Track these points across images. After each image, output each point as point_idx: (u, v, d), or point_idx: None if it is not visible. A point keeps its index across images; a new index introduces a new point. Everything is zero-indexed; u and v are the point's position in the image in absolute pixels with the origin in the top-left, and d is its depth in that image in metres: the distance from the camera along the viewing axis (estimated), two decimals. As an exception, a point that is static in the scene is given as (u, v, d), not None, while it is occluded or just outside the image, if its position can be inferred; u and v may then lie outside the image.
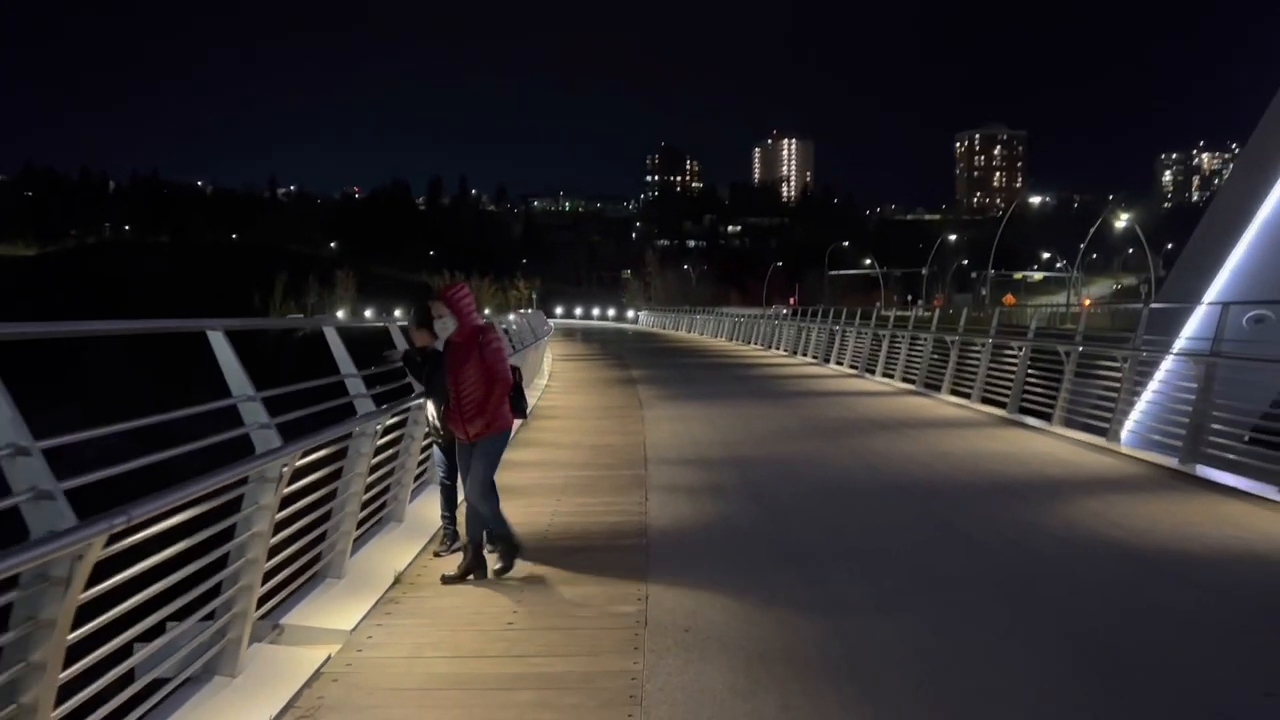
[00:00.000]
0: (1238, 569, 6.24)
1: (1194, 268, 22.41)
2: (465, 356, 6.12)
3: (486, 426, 6.14)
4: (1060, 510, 8.03)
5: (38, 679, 2.71)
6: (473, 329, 6.17)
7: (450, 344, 6.25)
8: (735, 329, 45.89)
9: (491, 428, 6.18)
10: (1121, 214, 76.71)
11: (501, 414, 6.25)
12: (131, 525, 2.84)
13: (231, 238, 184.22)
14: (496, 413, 6.17)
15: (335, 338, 6.96)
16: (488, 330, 6.24)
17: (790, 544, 7.08)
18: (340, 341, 6.95)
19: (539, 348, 22.66)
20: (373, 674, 4.58)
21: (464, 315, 6.16)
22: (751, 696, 4.24)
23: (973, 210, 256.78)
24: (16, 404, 2.78)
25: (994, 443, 11.88)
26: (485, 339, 6.13)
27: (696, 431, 13.04)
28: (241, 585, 4.30)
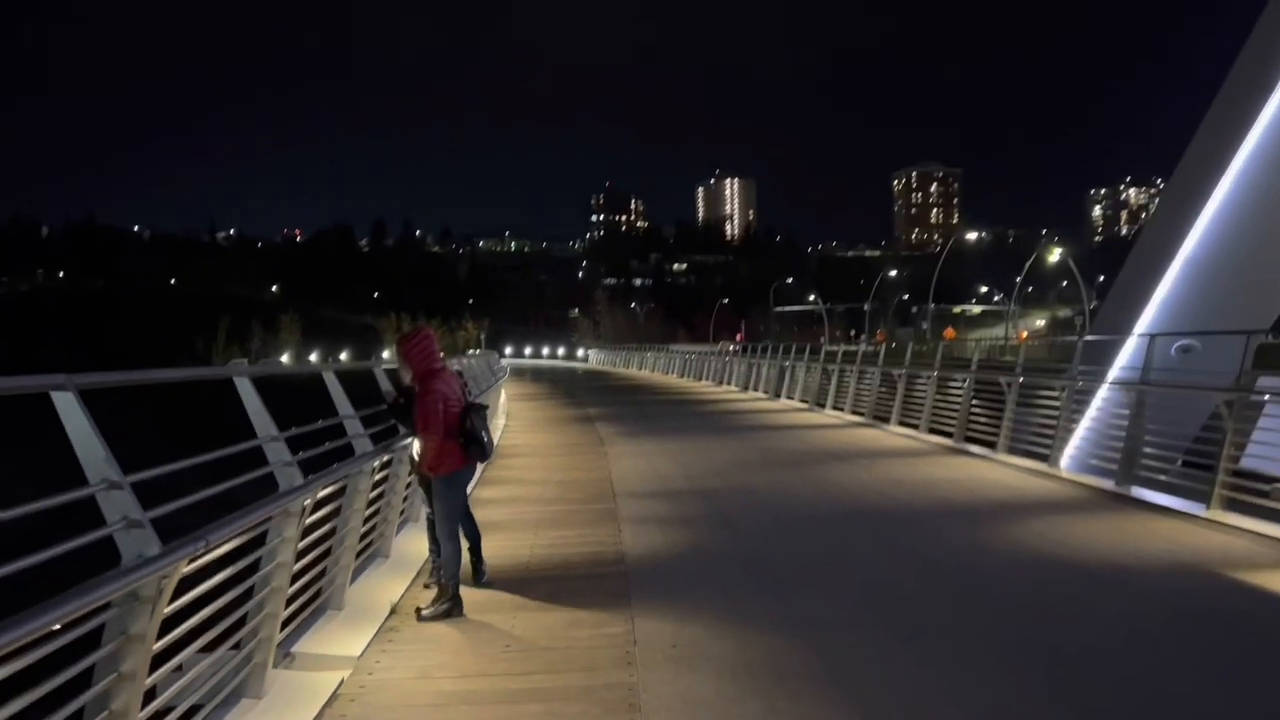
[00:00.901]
0: (1168, 578, 6.84)
1: (1124, 300, 23.47)
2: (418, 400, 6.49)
3: (430, 468, 6.50)
4: (1006, 531, 8.60)
5: (128, 687, 3.06)
6: (424, 373, 6.46)
7: (412, 388, 6.64)
8: (686, 366, 46.54)
9: (437, 469, 6.49)
10: (1055, 249, 79.19)
11: (442, 456, 6.45)
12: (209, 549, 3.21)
13: (170, 282, 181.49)
14: (439, 454, 6.43)
15: (334, 381, 7.33)
16: (429, 378, 6.44)
17: (760, 567, 7.54)
18: (339, 385, 7.32)
19: (496, 389, 22.97)
20: (386, 694, 4.93)
21: (414, 363, 6.47)
22: (739, 702, 4.67)
23: (911, 246, 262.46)
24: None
25: (943, 470, 12.49)
26: (426, 386, 6.42)
27: (659, 466, 13.48)
28: (267, 612, 4.65)
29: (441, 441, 6.42)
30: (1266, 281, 21.32)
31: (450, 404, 6.46)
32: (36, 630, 2.45)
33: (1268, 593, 6.41)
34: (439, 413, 6.38)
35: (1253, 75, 20.11)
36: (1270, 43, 19.71)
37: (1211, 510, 8.78)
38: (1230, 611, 6.08)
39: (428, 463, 6.46)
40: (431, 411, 6.37)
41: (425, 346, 6.49)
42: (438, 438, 6.39)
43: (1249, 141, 20.32)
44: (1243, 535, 8.08)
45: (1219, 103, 21.25)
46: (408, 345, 6.51)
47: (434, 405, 6.38)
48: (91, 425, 3.06)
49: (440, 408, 6.38)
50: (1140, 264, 23.29)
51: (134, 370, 3.89)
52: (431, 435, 6.38)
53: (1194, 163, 21.98)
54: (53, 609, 2.54)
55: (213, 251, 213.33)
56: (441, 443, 6.42)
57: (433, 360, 6.47)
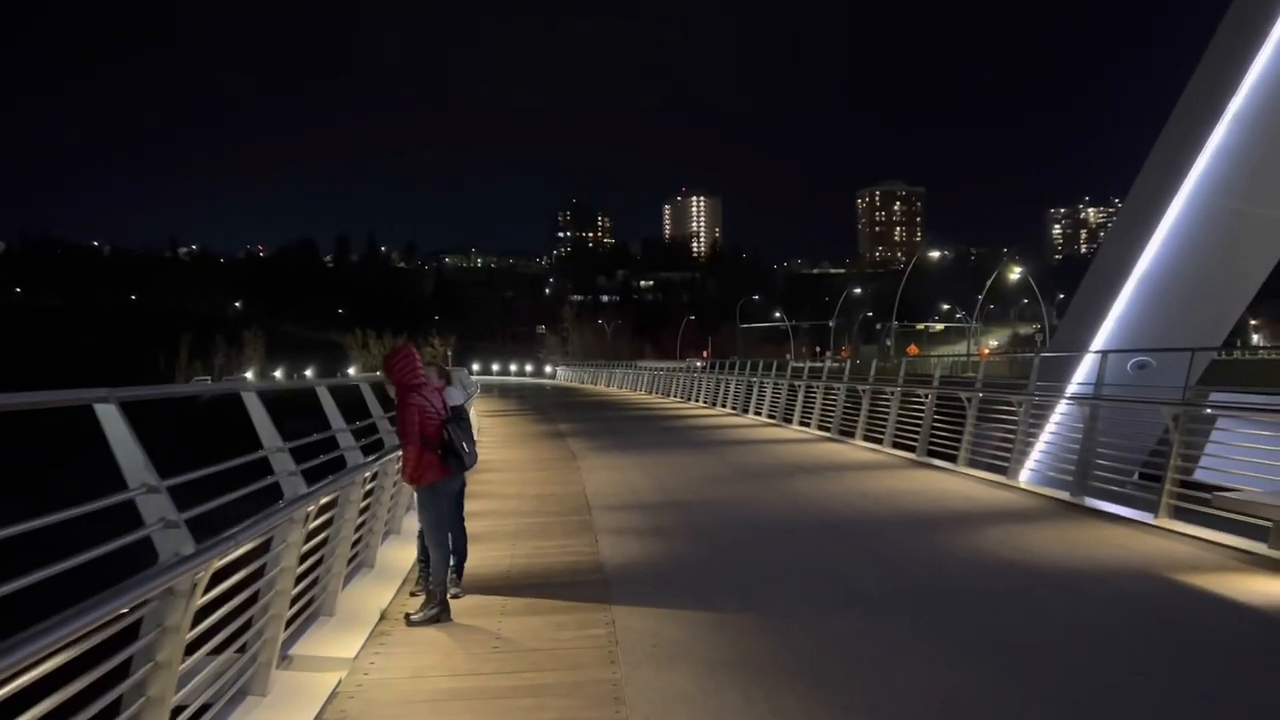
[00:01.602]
0: (1116, 580, 7.26)
1: (1081, 318, 24.14)
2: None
3: (409, 479, 6.79)
4: (966, 538, 9.01)
5: (163, 676, 3.33)
6: (404, 388, 6.71)
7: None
8: (654, 382, 46.90)
9: (418, 480, 6.75)
10: (1015, 267, 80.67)
11: (419, 468, 6.69)
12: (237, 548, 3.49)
13: (131, 298, 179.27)
14: (417, 466, 6.67)
15: (326, 395, 7.60)
16: (408, 392, 6.69)
17: (733, 574, 7.89)
18: (331, 399, 7.59)
19: (470, 405, 23.16)
20: (383, 692, 5.21)
21: (394, 377, 6.75)
22: (717, 694, 4.99)
23: (875, 264, 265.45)
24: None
25: (906, 482, 12.91)
26: (403, 401, 6.70)
27: (632, 480, 13.80)
28: (272, 614, 4.91)
29: (420, 452, 6.66)
30: (1218, 299, 22.08)
31: (428, 416, 6.71)
32: (90, 624, 2.72)
33: (1207, 592, 6.84)
34: (415, 424, 6.64)
35: (1202, 100, 20.90)
36: (1218, 69, 20.52)
37: (1160, 518, 9.24)
38: (1170, 609, 6.50)
39: (407, 473, 6.74)
40: (408, 423, 6.65)
41: (406, 363, 6.78)
42: (415, 448, 6.65)
43: (1199, 164, 21.08)
44: (1188, 541, 8.54)
45: (1170, 126, 22.03)
46: (390, 362, 6.82)
47: (410, 417, 6.65)
48: (131, 434, 3.34)
49: (416, 419, 6.63)
50: (1097, 282, 23.99)
51: (159, 385, 4.16)
52: (409, 445, 6.66)
53: (1147, 184, 22.73)
54: (105, 603, 2.81)
55: (174, 267, 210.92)
56: (420, 453, 6.67)
57: (413, 375, 6.73)
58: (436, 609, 6.52)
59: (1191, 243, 21.79)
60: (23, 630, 2.46)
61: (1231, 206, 20.85)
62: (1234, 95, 19.86)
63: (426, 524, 6.77)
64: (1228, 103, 20.10)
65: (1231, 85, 19.81)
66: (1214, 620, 6.29)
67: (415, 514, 10.26)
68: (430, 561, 6.63)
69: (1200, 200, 21.40)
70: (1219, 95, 20.50)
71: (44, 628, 2.45)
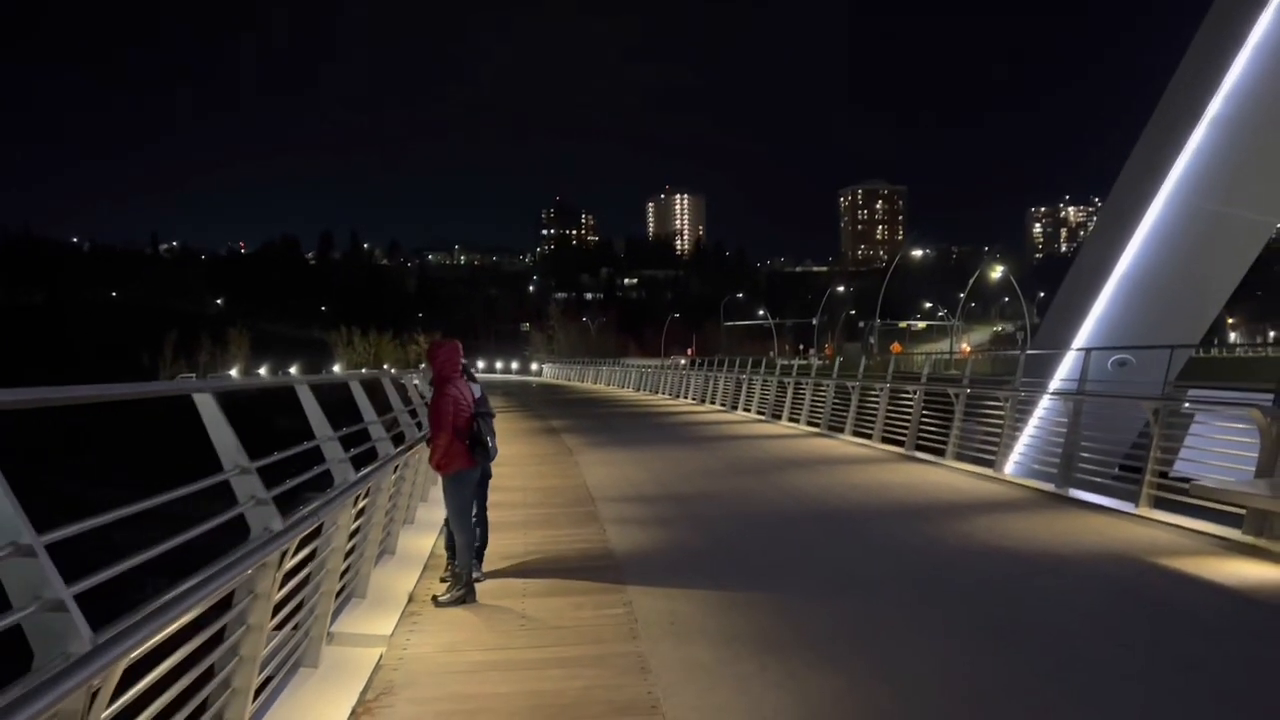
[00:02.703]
0: (1098, 563, 7.73)
1: (1063, 316, 24.71)
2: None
3: (437, 466, 7.17)
4: (957, 527, 9.46)
5: (254, 638, 3.71)
6: (440, 379, 7.15)
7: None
8: (642, 379, 47.31)
9: (443, 468, 7.15)
10: (997, 266, 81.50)
11: (451, 456, 7.10)
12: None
13: (112, 295, 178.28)
14: (446, 454, 7.07)
15: (309, 396, 7.85)
16: (444, 383, 7.13)
17: (737, 559, 8.31)
18: (315, 402, 7.82)
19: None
20: (422, 664, 5.59)
21: (436, 366, 7.19)
22: (734, 664, 5.41)
23: (858, 262, 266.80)
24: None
25: (897, 475, 13.37)
26: (439, 390, 7.12)
27: (630, 473, 14.20)
28: (323, 591, 5.29)
29: (451, 440, 7.07)
30: (1196, 298, 22.68)
31: (461, 407, 7.14)
32: (215, 590, 3.08)
33: (1185, 574, 7.31)
34: (449, 413, 7.07)
35: (1182, 104, 21.47)
36: (1197, 73, 21.09)
37: (1141, 507, 9.72)
38: (1150, 590, 6.97)
39: (436, 460, 7.12)
40: (443, 411, 7.06)
41: (450, 354, 7.20)
42: (447, 436, 7.06)
43: (1179, 166, 21.63)
44: (1167, 528, 9.01)
45: (1150, 129, 22.59)
46: (436, 350, 7.23)
47: (445, 406, 7.08)
48: (225, 421, 3.72)
49: (450, 409, 7.07)
50: (1078, 281, 24.55)
51: (245, 378, 4.53)
52: (441, 433, 7.04)
53: (1127, 186, 23.29)
54: (227, 571, 3.17)
55: (155, 264, 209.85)
56: (451, 442, 7.08)
57: (453, 369, 7.15)
58: (463, 590, 6.90)
59: (1171, 243, 22.36)
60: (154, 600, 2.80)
61: (1210, 208, 21.42)
62: (1212, 99, 20.42)
63: (453, 510, 7.14)
64: (1206, 106, 20.66)
65: (1210, 89, 20.37)
66: (1192, 600, 6.74)
67: (430, 505, 10.68)
68: (456, 546, 7.01)
69: (1179, 201, 21.96)
70: (1198, 99, 21.06)
71: (177, 595, 2.79)
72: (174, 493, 3.33)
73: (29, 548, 2.28)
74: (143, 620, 2.39)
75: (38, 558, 2.29)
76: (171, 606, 2.58)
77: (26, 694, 1.91)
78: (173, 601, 2.61)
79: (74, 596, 2.29)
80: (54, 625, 2.25)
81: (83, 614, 2.27)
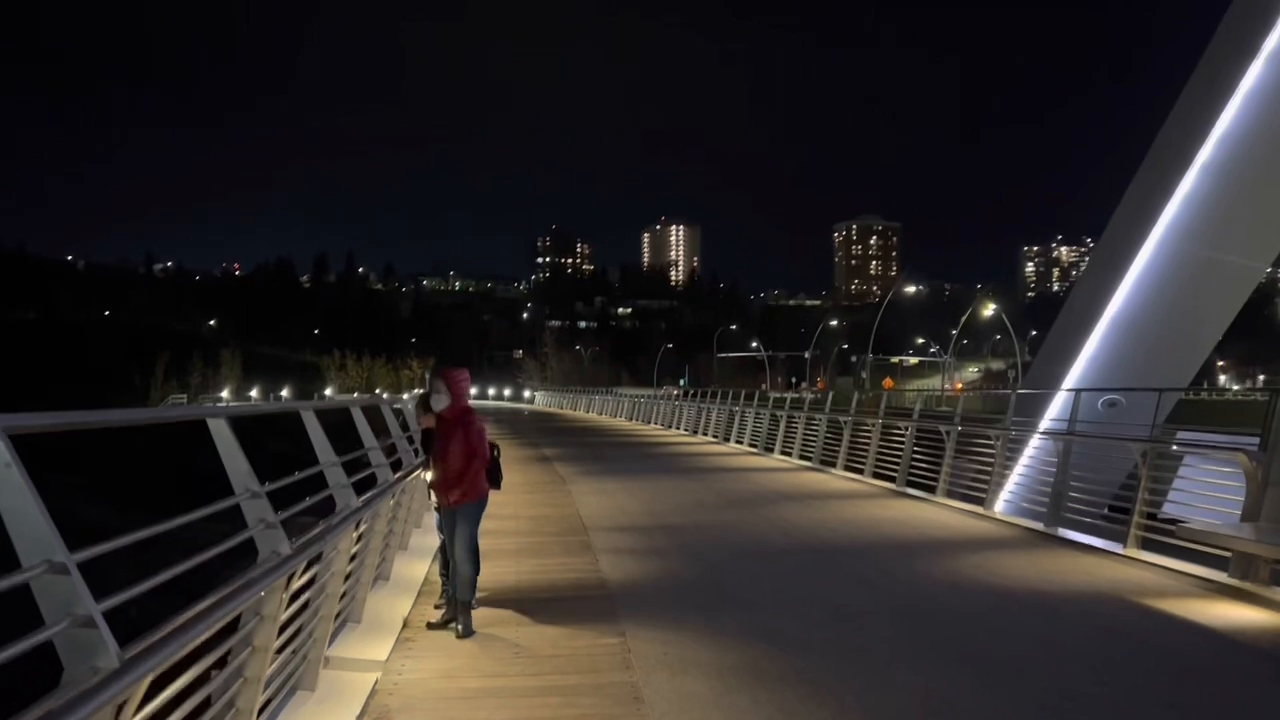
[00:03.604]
0: (1086, 603, 7.82)
1: (1054, 356, 24.92)
2: (452, 432, 7.12)
3: (463, 495, 7.16)
4: (945, 563, 9.55)
5: (259, 659, 3.78)
6: (462, 409, 7.24)
7: (441, 418, 7.23)
8: (635, 409, 47.38)
9: (468, 496, 7.22)
10: (989, 303, 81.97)
11: (478, 484, 7.27)
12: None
13: (104, 315, 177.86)
14: (474, 482, 7.22)
15: (314, 421, 7.94)
16: (472, 412, 7.32)
17: (729, 591, 8.38)
18: (320, 427, 7.91)
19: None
20: (419, 689, 5.65)
21: (458, 395, 7.24)
22: (727, 695, 5.48)
23: (851, 297, 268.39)
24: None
25: (888, 511, 13.46)
26: (470, 419, 7.16)
27: (623, 503, 14.26)
28: (321, 615, 5.35)
29: (480, 470, 7.16)
30: (1186, 341, 22.90)
31: (484, 437, 7.25)
32: (227, 614, 3.16)
33: (1170, 615, 7.41)
34: (486, 444, 7.19)
35: (1173, 150, 21.79)
36: (1189, 120, 21.43)
37: (1129, 548, 9.82)
38: (1135, 629, 7.06)
39: (467, 490, 7.08)
40: (482, 442, 7.17)
41: (467, 384, 7.26)
42: (485, 466, 7.17)
43: (1169, 210, 21.92)
44: (1154, 569, 9.12)
45: (1142, 174, 22.91)
46: (457, 376, 7.22)
47: (484, 436, 7.22)
48: (238, 445, 3.81)
49: (482, 439, 7.20)
50: (1069, 322, 24.78)
51: (262, 403, 4.63)
52: (474, 461, 7.10)
53: (1119, 229, 23.58)
54: (239, 594, 3.26)
55: (149, 284, 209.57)
56: (479, 471, 7.16)
57: (467, 398, 7.25)
58: (464, 618, 6.93)
59: (1161, 286, 22.62)
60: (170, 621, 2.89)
61: (1200, 253, 21.70)
62: (1203, 145, 20.74)
63: (464, 539, 7.12)
64: (1197, 152, 20.98)
65: (1201, 135, 20.69)
66: (1176, 640, 6.84)
67: (424, 531, 10.73)
68: (462, 574, 7.02)
69: (1170, 245, 22.23)
70: (1189, 144, 21.39)
71: (197, 612, 2.89)
72: (192, 514, 3.40)
73: (62, 565, 2.34)
74: (167, 637, 2.47)
75: (70, 575, 2.35)
76: (193, 625, 2.67)
77: (61, 706, 1.98)
78: (194, 620, 2.70)
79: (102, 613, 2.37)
80: (84, 641, 2.31)
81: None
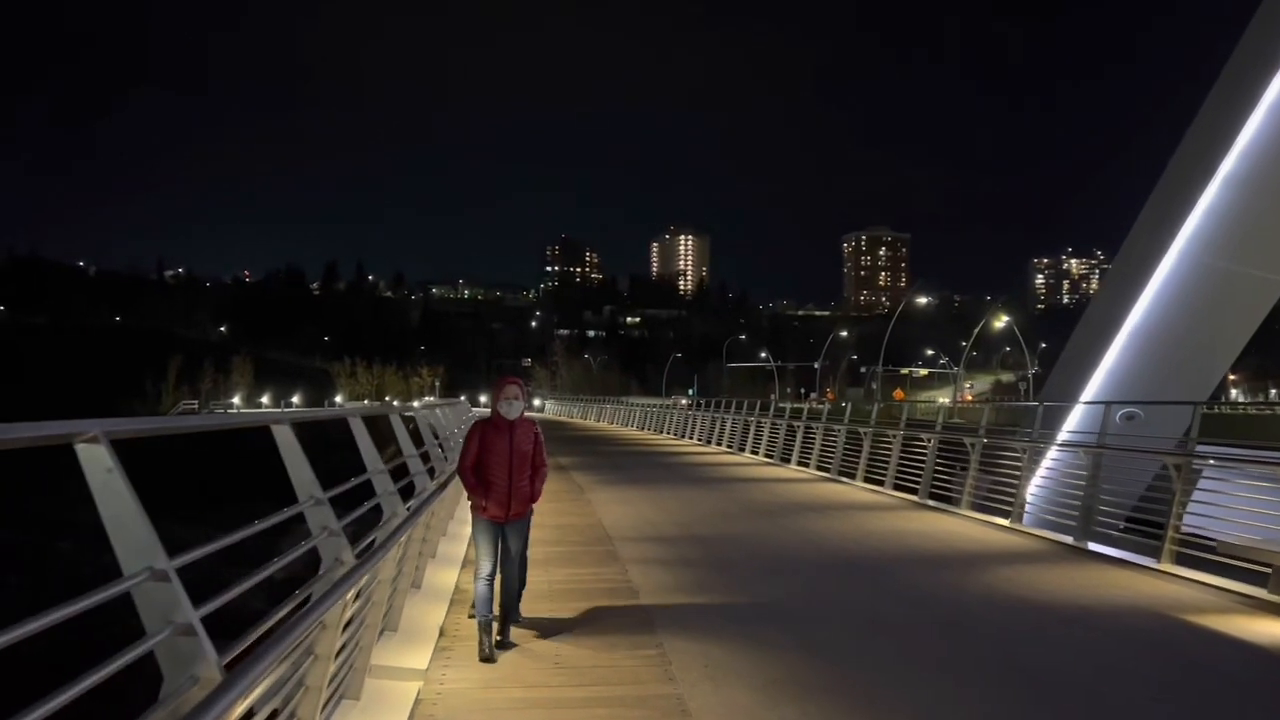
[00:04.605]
0: (1126, 618, 7.74)
1: (1072, 368, 24.82)
2: (525, 442, 6.79)
3: (523, 505, 6.86)
4: (978, 576, 9.47)
5: (321, 668, 3.74)
6: (530, 420, 6.96)
7: (508, 425, 6.71)
8: (645, 418, 47.31)
9: (525, 508, 6.94)
10: (1001, 315, 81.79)
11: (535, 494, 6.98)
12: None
13: (115, 320, 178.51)
14: (535, 493, 6.94)
15: (361, 428, 7.95)
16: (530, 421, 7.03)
17: (764, 603, 8.31)
18: (367, 434, 7.93)
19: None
20: (462, 700, 5.60)
21: (527, 403, 7.10)
22: (775, 708, 5.42)
23: (860, 307, 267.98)
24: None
25: (912, 523, 13.37)
26: (539, 432, 6.92)
27: (645, 513, 14.20)
28: (367, 624, 5.31)
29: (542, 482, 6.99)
30: (1206, 354, 22.78)
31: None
32: (311, 624, 3.13)
33: (1213, 631, 7.33)
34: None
35: (1195, 161, 21.71)
36: (1211, 129, 21.35)
37: (1163, 563, 9.73)
38: (1180, 646, 6.98)
39: (538, 495, 6.95)
40: (545, 453, 7.01)
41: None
42: (545, 477, 6.99)
43: (1190, 222, 21.83)
44: (1191, 585, 9.02)
45: (1162, 185, 22.83)
46: (525, 389, 7.04)
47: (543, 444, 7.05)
48: (301, 452, 3.78)
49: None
50: (1087, 334, 24.66)
51: (318, 409, 4.61)
52: (544, 469, 6.96)
53: (1139, 241, 23.48)
54: (322, 604, 3.22)
55: (159, 290, 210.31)
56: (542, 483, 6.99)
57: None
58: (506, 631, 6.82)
59: (1181, 299, 22.51)
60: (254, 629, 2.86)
61: (1220, 265, 21.59)
62: (1225, 157, 20.66)
63: (526, 551, 7.01)
64: (1219, 164, 20.89)
65: (1224, 147, 20.61)
66: (1222, 656, 6.75)
67: (449, 539, 10.70)
68: (516, 591, 6.92)
69: (1190, 258, 22.14)
70: (1211, 156, 21.31)
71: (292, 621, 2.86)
72: (268, 520, 3.40)
73: (164, 572, 2.32)
74: (267, 647, 2.43)
75: (171, 582, 2.32)
76: (286, 634, 2.63)
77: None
78: (287, 629, 2.67)
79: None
80: (183, 649, 2.29)
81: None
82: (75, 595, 2.12)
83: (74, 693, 1.82)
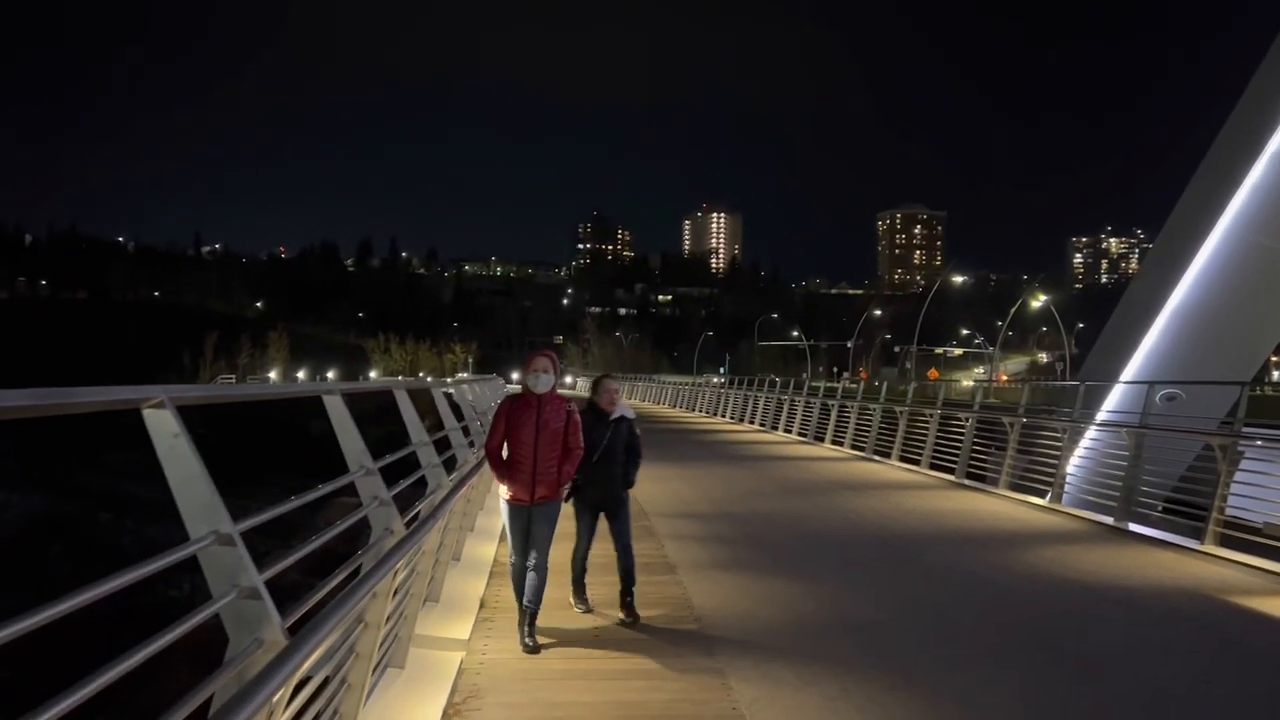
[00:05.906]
0: (1169, 598, 7.65)
1: (1112, 348, 24.51)
2: (556, 420, 6.23)
3: (551, 488, 6.32)
4: (1020, 556, 9.40)
5: (372, 635, 3.78)
6: (561, 397, 6.35)
7: (536, 401, 6.19)
8: (678, 396, 47.33)
9: (555, 493, 6.44)
10: (1039, 294, 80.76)
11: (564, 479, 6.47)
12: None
13: (154, 295, 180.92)
14: (564, 478, 6.42)
15: (407, 402, 7.99)
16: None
17: (802, 580, 8.29)
18: (413, 408, 7.95)
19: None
20: (505, 669, 5.65)
21: (559, 378, 6.46)
22: (815, 684, 5.41)
23: (894, 286, 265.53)
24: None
25: (950, 503, 13.29)
26: (573, 409, 6.34)
27: (680, 491, 14.22)
28: (412, 593, 5.36)
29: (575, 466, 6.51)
30: (1249, 334, 22.40)
31: None
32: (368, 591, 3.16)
33: (1259, 613, 7.23)
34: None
35: (1242, 138, 21.28)
36: (1258, 107, 20.90)
37: (1206, 544, 9.61)
38: (1226, 626, 6.90)
39: (567, 479, 6.48)
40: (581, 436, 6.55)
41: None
42: (578, 462, 6.52)
43: (1236, 200, 21.42)
44: (1235, 567, 8.91)
45: (1208, 162, 22.39)
46: (557, 362, 6.44)
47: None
48: (352, 421, 3.81)
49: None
50: (1129, 313, 24.33)
51: (368, 382, 4.64)
52: (577, 458, 6.47)
53: (1182, 219, 23.09)
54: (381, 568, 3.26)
55: (196, 265, 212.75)
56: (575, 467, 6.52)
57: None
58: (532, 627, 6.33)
59: (1225, 278, 22.14)
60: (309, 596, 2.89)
61: (1267, 244, 21.18)
62: (1275, 133, 20.23)
63: (552, 538, 6.52)
64: (1268, 140, 20.46)
65: (1273, 123, 20.18)
66: (1270, 638, 6.67)
67: (486, 513, 10.77)
68: (543, 580, 6.35)
69: (1235, 236, 21.74)
70: (1258, 134, 20.88)
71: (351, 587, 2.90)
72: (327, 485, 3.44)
73: (229, 536, 2.34)
74: (329, 611, 2.46)
75: (236, 546, 2.35)
76: (348, 599, 2.66)
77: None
78: (348, 594, 2.70)
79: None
80: (249, 612, 2.32)
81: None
82: (116, 566, 2.15)
83: (150, 650, 1.85)
